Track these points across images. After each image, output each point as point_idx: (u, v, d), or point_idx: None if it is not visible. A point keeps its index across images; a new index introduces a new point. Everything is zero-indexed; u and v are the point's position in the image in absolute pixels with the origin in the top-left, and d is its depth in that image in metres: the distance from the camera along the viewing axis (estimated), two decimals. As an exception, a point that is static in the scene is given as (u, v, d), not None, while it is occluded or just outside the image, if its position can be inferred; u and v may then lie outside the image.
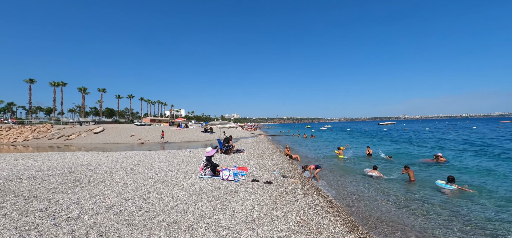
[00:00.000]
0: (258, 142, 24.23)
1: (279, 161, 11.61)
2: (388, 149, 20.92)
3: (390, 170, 12.21)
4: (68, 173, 7.76)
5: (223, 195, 5.72)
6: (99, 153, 13.97)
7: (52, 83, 64.38)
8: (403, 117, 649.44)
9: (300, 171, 9.94)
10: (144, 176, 7.44)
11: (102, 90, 77.05)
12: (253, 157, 12.71)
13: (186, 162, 10.82)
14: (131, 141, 32.74)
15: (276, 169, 9.64)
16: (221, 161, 11.21)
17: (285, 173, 8.98)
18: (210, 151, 8.04)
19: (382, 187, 8.70)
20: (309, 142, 31.16)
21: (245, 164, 10.41)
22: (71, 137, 37.27)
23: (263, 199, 5.58)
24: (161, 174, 7.77)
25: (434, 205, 6.76)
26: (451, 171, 11.18)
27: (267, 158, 12.45)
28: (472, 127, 58.90)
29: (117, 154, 13.78)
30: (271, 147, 19.43)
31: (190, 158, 12.10)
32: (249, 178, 7.80)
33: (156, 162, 10.43)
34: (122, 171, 8.27)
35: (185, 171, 8.53)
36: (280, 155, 14.51)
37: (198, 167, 8.86)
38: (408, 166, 9.82)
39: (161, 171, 8.31)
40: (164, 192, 5.75)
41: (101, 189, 5.83)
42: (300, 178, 8.85)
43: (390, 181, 9.83)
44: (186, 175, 7.83)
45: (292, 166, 10.86)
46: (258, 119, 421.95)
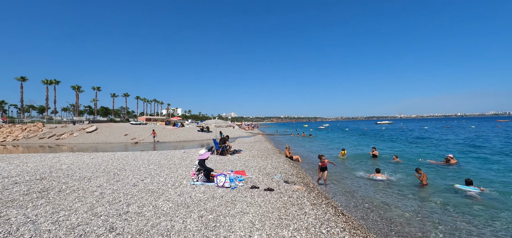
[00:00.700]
0: (256, 142, 23.32)
1: (280, 163, 10.71)
2: (391, 150, 20.15)
3: (397, 172, 11.41)
4: (39, 180, 6.75)
5: (217, 208, 4.79)
6: (85, 155, 12.94)
7: (45, 81, 62.82)
8: (399, 116, 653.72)
9: (318, 171, 8.96)
10: (127, 183, 6.47)
11: (96, 89, 75.58)
12: (252, 159, 11.80)
13: (178, 164, 9.87)
14: (124, 141, 31.76)
15: (277, 172, 8.75)
16: (217, 164, 10.27)
17: (287, 178, 8.09)
18: (203, 154, 7.10)
19: (393, 193, 7.87)
20: (308, 141, 30.34)
21: (242, 167, 9.50)
22: (63, 136, 36.12)
23: (265, 212, 4.68)
24: (147, 180, 6.81)
25: (463, 212, 5.97)
26: (466, 174, 10.40)
27: (266, 160, 11.55)
28: (471, 126, 58.64)
29: (105, 155, 12.78)
30: (270, 147, 18.54)
31: (183, 160, 11.14)
32: (247, 184, 6.89)
33: (145, 165, 9.47)
34: (103, 176, 7.29)
35: (176, 176, 7.58)
36: (279, 156, 13.62)
37: (191, 171, 7.92)
38: (420, 169, 9.02)
39: (148, 176, 7.35)
40: (147, 205, 4.80)
41: (71, 201, 4.86)
42: (304, 183, 7.96)
43: (399, 185, 9.02)
44: (176, 181, 6.88)
45: (294, 169, 9.97)
46: (256, 118, 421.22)
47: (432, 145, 22.76)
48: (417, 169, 9.07)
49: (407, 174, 11.02)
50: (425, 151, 18.32)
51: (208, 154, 7.18)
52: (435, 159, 14.76)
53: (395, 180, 9.89)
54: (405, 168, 12.37)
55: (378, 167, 11.09)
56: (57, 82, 65.02)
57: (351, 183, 9.14)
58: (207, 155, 7.13)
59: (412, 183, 9.14)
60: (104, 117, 77.90)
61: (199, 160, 6.90)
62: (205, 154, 7.11)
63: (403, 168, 12.28)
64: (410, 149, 19.81)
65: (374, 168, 12.19)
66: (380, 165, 13.63)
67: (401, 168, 12.46)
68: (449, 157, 13.44)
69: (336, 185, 8.95)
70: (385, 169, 11.19)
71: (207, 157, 7.08)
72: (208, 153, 7.23)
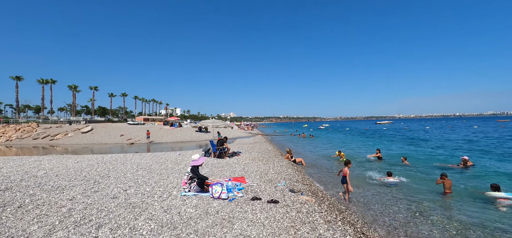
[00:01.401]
0: (256, 143, 22.36)
1: (283, 168, 9.76)
2: (398, 151, 19.23)
3: (408, 175, 10.50)
4: (3, 190, 5.75)
5: (211, 229, 3.84)
6: (70, 158, 11.90)
7: (40, 81, 61.67)
8: (398, 116, 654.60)
9: (342, 189, 7.56)
10: (106, 195, 5.50)
11: (94, 88, 74.52)
12: (252, 162, 10.84)
13: (170, 169, 8.91)
14: (120, 142, 30.86)
15: (280, 178, 7.80)
16: (214, 168, 9.31)
17: (292, 185, 7.14)
18: (197, 160, 6.13)
19: (413, 201, 6.94)
20: (309, 142, 29.40)
21: (242, 172, 8.54)
22: (57, 137, 35.20)
23: (270, 234, 3.73)
24: (131, 191, 5.84)
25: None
26: (488, 178, 9.49)
27: (268, 163, 10.60)
28: (473, 126, 57.85)
29: (92, 158, 11.78)
30: (271, 148, 17.59)
31: (177, 164, 10.18)
32: (247, 194, 5.95)
33: (133, 171, 8.50)
34: (80, 185, 6.31)
35: (166, 184, 6.61)
36: (281, 158, 12.67)
37: (183, 178, 6.95)
38: (446, 175, 8.02)
39: (133, 185, 6.38)
40: (123, 226, 3.84)
41: (27, 222, 3.89)
42: (312, 191, 7.01)
43: (416, 190, 8.12)
44: (165, 191, 5.91)
45: (299, 174, 9.01)
46: (255, 118, 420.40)
47: (440, 146, 21.85)
48: (443, 174, 8.06)
49: (419, 177, 10.12)
50: (435, 153, 17.40)
51: (203, 159, 6.21)
52: (445, 161, 13.88)
53: (408, 184, 9.02)
54: (416, 171, 11.48)
55: (388, 171, 10.21)
56: (53, 82, 63.89)
57: (363, 190, 8.22)
58: (201, 160, 6.16)
59: (430, 189, 8.23)
60: (102, 117, 77.05)
61: (192, 167, 5.93)
62: (199, 159, 6.15)
63: (414, 171, 11.38)
64: (417, 150, 18.89)
65: (382, 170, 11.32)
66: (384, 167, 12.77)
67: (411, 170, 11.57)
68: (464, 159, 12.53)
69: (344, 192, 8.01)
70: (393, 172, 10.27)
71: (201, 163, 6.11)
72: (203, 158, 6.26)
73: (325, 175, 10.72)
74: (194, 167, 5.91)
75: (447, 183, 7.71)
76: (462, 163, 12.45)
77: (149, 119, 74.62)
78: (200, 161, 6.09)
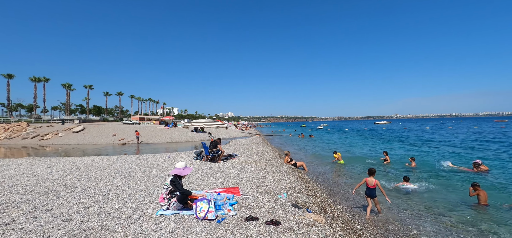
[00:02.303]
0: (253, 144, 21.21)
1: (283, 174, 8.61)
2: (404, 152, 18.19)
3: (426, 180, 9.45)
4: None
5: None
6: (43, 161, 10.52)
7: (33, 79, 60.05)
8: (395, 116, 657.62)
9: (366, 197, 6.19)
10: (59, 215, 4.26)
11: (88, 87, 73.05)
12: (248, 167, 9.69)
13: (154, 176, 7.72)
14: (112, 142, 29.71)
15: (281, 188, 6.65)
16: (204, 175, 8.13)
17: (295, 198, 5.99)
18: (181, 169, 4.91)
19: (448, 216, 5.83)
20: (309, 142, 28.30)
21: (236, 180, 7.39)
22: (47, 136, 33.91)
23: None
24: (94, 208, 4.63)
25: None
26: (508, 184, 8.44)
27: (266, 169, 9.45)
28: (474, 126, 57.19)
29: (68, 162, 10.47)
30: (269, 150, 16.44)
31: (162, 169, 8.99)
32: (241, 210, 4.80)
33: (108, 178, 7.29)
34: (33, 200, 5.03)
35: (141, 198, 5.42)
36: (281, 162, 11.53)
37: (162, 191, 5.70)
38: (478, 185, 6.89)
39: (100, 200, 5.17)
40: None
41: None
42: (319, 205, 5.87)
43: (448, 202, 7.00)
44: (137, 208, 4.73)
45: (301, 182, 7.85)
46: (253, 118, 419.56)
47: (446, 146, 20.83)
48: (475, 185, 6.88)
49: (440, 183, 9.06)
50: (442, 154, 16.35)
51: (189, 170, 5.00)
52: (455, 164, 12.84)
53: (431, 193, 7.95)
54: (432, 175, 10.43)
55: (405, 176, 9.15)
56: (47, 80, 62.34)
57: (379, 198, 7.09)
58: (187, 171, 4.96)
59: (459, 199, 7.18)
60: (97, 116, 75.63)
61: (172, 178, 4.74)
62: (185, 169, 4.93)
63: (429, 175, 10.31)
64: (422, 151, 17.84)
65: (395, 175, 10.27)
66: (394, 170, 11.73)
67: (427, 175, 10.51)
68: (477, 162, 11.48)
69: (356, 198, 6.90)
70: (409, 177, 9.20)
71: (185, 175, 4.92)
72: (189, 169, 5.05)
73: (331, 182, 9.60)
74: (175, 177, 4.73)
75: (482, 195, 6.62)
76: (475, 167, 11.42)
77: (145, 118, 73.27)
78: (185, 171, 4.88)
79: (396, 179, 9.58)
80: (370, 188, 5.96)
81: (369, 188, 5.97)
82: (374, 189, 5.93)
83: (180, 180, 4.89)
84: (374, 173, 6.13)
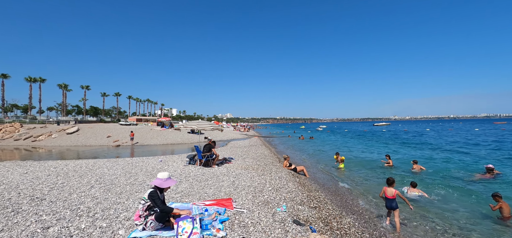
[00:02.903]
0: (251, 146, 20.43)
1: (282, 181, 7.85)
2: (405, 155, 17.48)
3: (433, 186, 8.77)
4: None
5: None
6: (21, 166, 9.64)
7: (28, 79, 59.14)
8: (394, 118, 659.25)
9: None
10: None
11: (85, 87, 72.10)
12: (244, 172, 8.93)
13: (139, 185, 6.93)
14: (106, 143, 28.91)
15: (280, 199, 5.89)
16: (195, 182, 7.33)
17: (296, 211, 5.24)
18: (163, 180, 4.07)
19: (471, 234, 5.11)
20: (309, 144, 27.57)
21: (230, 189, 6.62)
22: (40, 138, 33.03)
23: None
24: (54, 229, 3.79)
25: None
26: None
27: (263, 174, 8.69)
28: (475, 128, 56.66)
29: (48, 166, 9.57)
30: (267, 153, 15.67)
31: (150, 176, 8.20)
32: (233, 229, 4.03)
33: (86, 187, 6.48)
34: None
35: (116, 214, 4.61)
36: (280, 166, 10.77)
37: None
38: (500, 196, 6.19)
39: (66, 216, 4.35)
40: None
41: None
42: (323, 219, 5.12)
43: (470, 216, 6.30)
44: (107, 228, 3.91)
45: (302, 191, 7.08)
46: (251, 119, 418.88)
47: (450, 149, 20.15)
48: (496, 195, 6.21)
49: (452, 189, 8.36)
50: (450, 158, 15.64)
51: (171, 182, 4.15)
52: (466, 169, 12.16)
53: (442, 201, 7.27)
54: (440, 181, 9.72)
55: (412, 181, 8.47)
56: (43, 80, 61.48)
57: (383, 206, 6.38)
58: (170, 183, 4.12)
59: (478, 211, 6.49)
60: (94, 117, 74.76)
61: (151, 191, 3.95)
62: (167, 181, 4.07)
63: (438, 181, 9.61)
64: (424, 154, 17.14)
65: (401, 180, 9.57)
66: (397, 174, 11.05)
67: (434, 180, 9.81)
68: (489, 167, 10.78)
69: (364, 209, 6.17)
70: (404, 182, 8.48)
71: (167, 187, 4.13)
72: (171, 181, 4.18)
73: (334, 189, 8.87)
74: (155, 190, 3.95)
75: (505, 208, 5.89)
76: (488, 171, 10.73)
77: (142, 119, 72.39)
78: (167, 183, 4.08)
79: (401, 184, 8.91)
80: (390, 199, 5.43)
81: (389, 199, 5.45)
82: (394, 200, 5.42)
83: (161, 193, 4.13)
84: (393, 182, 5.62)
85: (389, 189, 5.54)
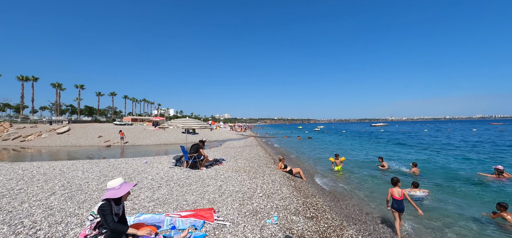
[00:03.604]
0: (246, 147, 19.58)
1: (275, 185, 7.01)
2: (407, 157, 16.76)
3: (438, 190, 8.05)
4: None
5: None
6: None
7: (20, 77, 57.76)
8: (391, 118, 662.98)
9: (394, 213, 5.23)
10: None
11: (80, 87, 70.76)
12: (234, 175, 8.08)
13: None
14: (97, 143, 27.95)
15: (271, 208, 5.06)
16: (175, 187, 6.44)
17: (289, 223, 4.40)
18: (115, 190, 3.19)
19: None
20: (307, 145, 26.78)
21: (215, 195, 5.77)
22: (29, 138, 31.97)
23: None
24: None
25: None
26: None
27: (255, 177, 7.84)
28: (472, 129, 56.34)
29: (15, 168, 8.56)
30: (262, 154, 14.82)
31: (129, 179, 7.33)
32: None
33: (47, 193, 5.55)
34: None
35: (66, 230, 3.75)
36: (274, 168, 9.92)
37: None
38: (506, 205, 5.70)
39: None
40: None
41: None
42: (321, 234, 4.30)
43: (464, 216, 5.61)
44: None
45: (298, 197, 6.23)
46: (249, 119, 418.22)
47: (454, 150, 19.46)
48: (502, 205, 5.76)
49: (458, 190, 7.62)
50: (452, 159, 14.92)
51: (127, 187, 3.27)
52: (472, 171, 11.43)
53: (450, 204, 6.55)
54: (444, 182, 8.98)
55: (414, 181, 7.77)
56: (35, 79, 60.08)
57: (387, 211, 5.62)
58: (126, 188, 3.22)
59: (484, 220, 5.72)
60: (89, 117, 73.49)
61: (101, 205, 3.07)
62: (121, 187, 3.21)
63: (441, 182, 8.86)
64: (429, 156, 16.41)
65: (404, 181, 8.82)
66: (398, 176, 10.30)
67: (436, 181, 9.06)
68: (499, 169, 10.07)
69: (369, 217, 5.36)
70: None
71: (121, 195, 3.21)
72: (127, 186, 3.30)
73: (333, 193, 8.06)
74: (107, 203, 3.08)
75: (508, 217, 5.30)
76: (497, 173, 10.02)
77: (137, 119, 71.31)
78: (122, 190, 3.20)
79: (403, 186, 8.16)
80: (398, 200, 5.04)
81: (397, 201, 5.05)
82: (402, 201, 5.04)
83: (119, 204, 3.27)
84: (398, 182, 5.24)
85: (396, 190, 5.15)
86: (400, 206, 5.06)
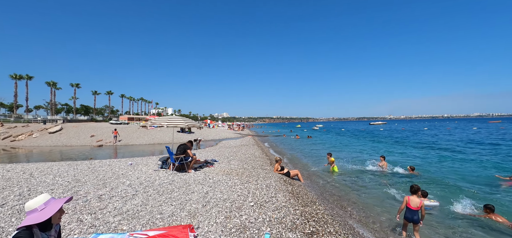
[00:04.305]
0: (242, 146, 18.70)
1: (270, 191, 6.13)
2: (408, 156, 15.96)
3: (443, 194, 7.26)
4: None
5: None
6: None
7: (13, 76, 56.53)
8: (389, 117, 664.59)
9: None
10: None
11: (75, 85, 69.71)
12: (225, 179, 7.20)
13: (76, 199, 5.20)
14: (89, 143, 27.16)
15: (263, 221, 4.19)
16: (153, 196, 5.53)
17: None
18: (36, 214, 2.23)
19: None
20: (306, 144, 25.95)
21: (198, 205, 4.88)
22: (20, 137, 31.09)
23: None
24: None
25: None
26: None
27: (249, 181, 6.97)
28: (472, 127, 55.76)
29: None
30: (258, 154, 13.94)
31: (102, 187, 6.46)
32: None
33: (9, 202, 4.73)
34: None
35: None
36: (270, 170, 9.06)
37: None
38: (492, 207, 5.54)
39: None
40: None
41: None
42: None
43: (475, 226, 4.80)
44: None
45: (295, 204, 5.36)
46: (248, 118, 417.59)
47: (458, 150, 18.68)
48: (487, 207, 5.55)
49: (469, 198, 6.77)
50: (464, 159, 14.10)
51: (56, 204, 2.31)
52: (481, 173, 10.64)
53: (459, 213, 5.76)
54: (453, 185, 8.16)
55: (415, 184, 6.98)
56: (29, 78, 58.88)
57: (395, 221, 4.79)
58: (55, 206, 2.29)
59: (489, 226, 4.94)
60: (85, 116, 72.51)
61: (18, 233, 2.13)
62: (46, 208, 2.28)
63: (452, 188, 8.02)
64: (428, 156, 15.60)
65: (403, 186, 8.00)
66: (393, 179, 9.52)
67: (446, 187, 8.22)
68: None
69: (379, 222, 4.54)
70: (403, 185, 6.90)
71: (53, 214, 2.27)
72: (55, 203, 2.34)
73: (335, 198, 7.22)
74: (22, 234, 2.18)
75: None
76: (511, 177, 9.26)
77: (134, 118, 70.43)
78: (49, 211, 2.26)
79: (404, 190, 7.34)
80: (413, 210, 4.50)
81: (412, 210, 4.52)
82: (418, 212, 4.55)
83: (48, 230, 2.38)
84: (417, 190, 4.68)
85: (414, 199, 4.58)
86: (413, 216, 4.52)
